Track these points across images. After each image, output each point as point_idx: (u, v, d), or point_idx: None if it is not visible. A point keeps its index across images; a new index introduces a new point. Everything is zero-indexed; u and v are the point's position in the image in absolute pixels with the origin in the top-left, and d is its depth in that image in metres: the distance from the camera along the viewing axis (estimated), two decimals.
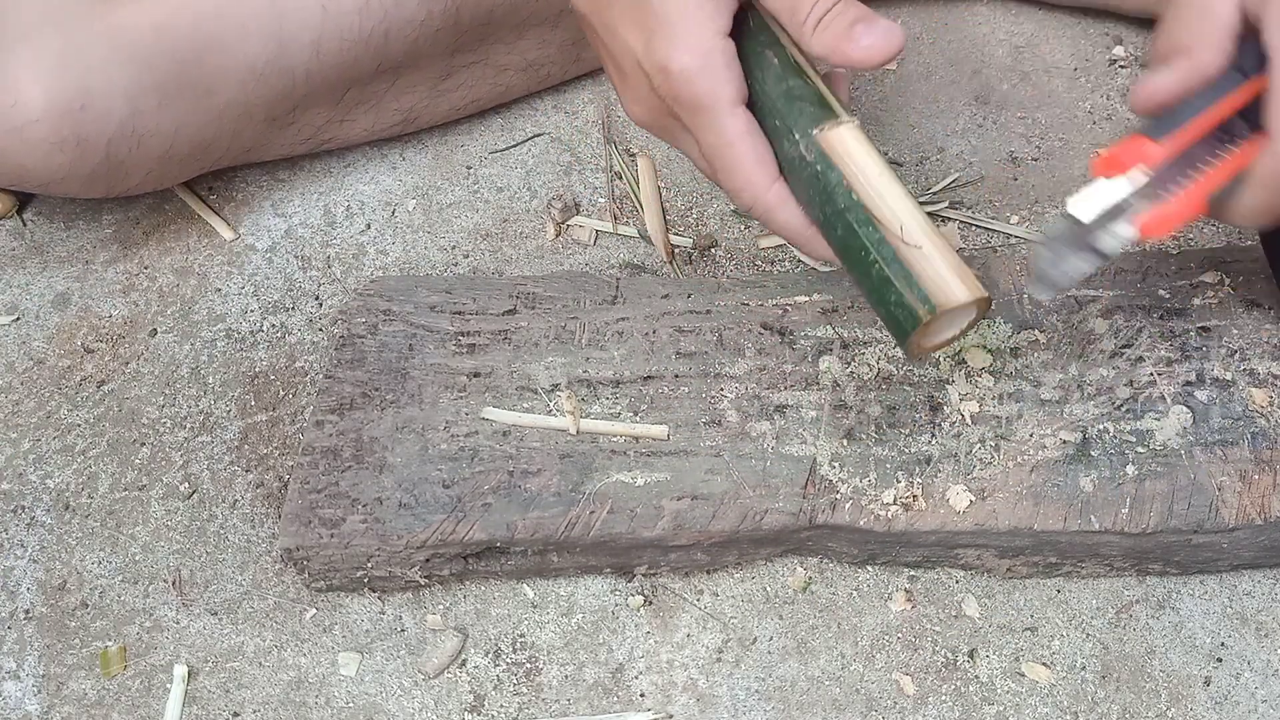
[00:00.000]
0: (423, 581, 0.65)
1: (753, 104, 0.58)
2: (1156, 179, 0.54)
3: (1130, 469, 0.62)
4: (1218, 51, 0.55)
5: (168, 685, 0.65)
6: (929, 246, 0.54)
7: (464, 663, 0.65)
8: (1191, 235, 0.78)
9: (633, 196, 0.81)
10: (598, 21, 0.59)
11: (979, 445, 0.63)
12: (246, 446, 0.72)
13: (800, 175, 0.57)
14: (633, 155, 0.83)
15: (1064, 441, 0.63)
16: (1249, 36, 0.54)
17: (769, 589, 0.66)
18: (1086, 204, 0.54)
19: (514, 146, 0.86)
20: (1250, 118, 0.55)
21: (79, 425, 0.74)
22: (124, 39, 0.69)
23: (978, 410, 0.64)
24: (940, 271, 0.53)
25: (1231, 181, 0.55)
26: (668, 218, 0.79)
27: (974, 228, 0.79)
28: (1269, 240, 0.65)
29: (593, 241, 0.80)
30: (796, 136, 0.57)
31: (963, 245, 0.78)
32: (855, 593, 0.66)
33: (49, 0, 0.69)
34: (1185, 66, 0.55)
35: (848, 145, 0.56)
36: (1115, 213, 0.54)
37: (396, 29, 0.75)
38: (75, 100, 0.69)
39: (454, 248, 0.81)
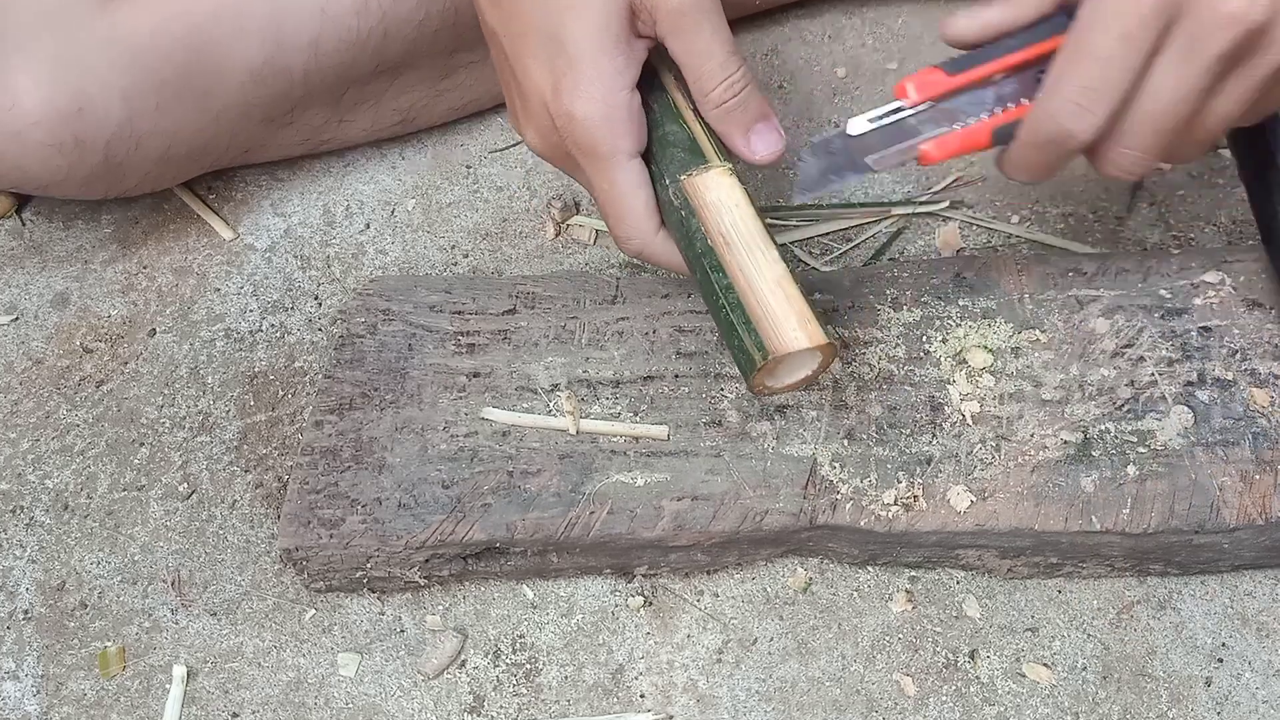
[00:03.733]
0: (422, 582, 0.65)
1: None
2: (945, 110, 0.57)
3: (1131, 469, 0.62)
4: (1033, 3, 0.56)
5: (167, 685, 0.65)
6: (773, 294, 0.56)
7: (463, 663, 0.65)
8: (1193, 235, 0.77)
9: None
10: (508, 46, 0.60)
11: (980, 445, 0.63)
12: (246, 446, 0.72)
13: (671, 219, 0.60)
14: None
15: (1065, 442, 0.63)
16: None
17: (769, 589, 0.66)
18: (859, 122, 0.57)
19: (514, 146, 0.85)
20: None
21: (78, 425, 0.74)
22: (121, 41, 0.69)
23: (978, 410, 0.64)
24: (780, 320, 0.55)
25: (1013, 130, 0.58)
26: None
27: (974, 227, 0.79)
28: (1236, 147, 0.64)
29: (593, 241, 0.80)
30: (666, 181, 0.59)
31: (963, 245, 0.78)
32: (856, 593, 0.66)
33: (46, 3, 0.69)
34: (1000, 11, 0.56)
35: (711, 191, 0.58)
36: (896, 136, 0.57)
37: (394, 29, 0.75)
38: (73, 103, 0.69)
39: (454, 247, 0.81)
